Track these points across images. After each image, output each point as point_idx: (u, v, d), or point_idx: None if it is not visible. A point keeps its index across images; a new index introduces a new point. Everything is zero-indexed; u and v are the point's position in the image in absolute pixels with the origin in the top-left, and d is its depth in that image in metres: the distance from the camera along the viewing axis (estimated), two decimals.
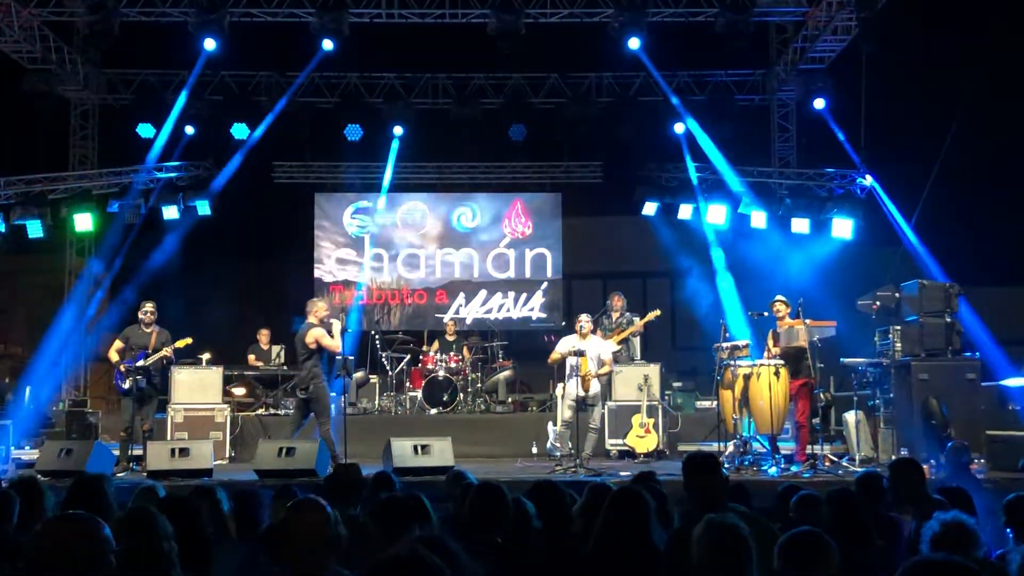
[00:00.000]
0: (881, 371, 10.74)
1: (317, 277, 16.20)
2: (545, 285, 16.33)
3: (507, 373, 13.82)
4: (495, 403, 13.45)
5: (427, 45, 13.98)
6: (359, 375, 13.26)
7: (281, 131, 14.56)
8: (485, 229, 16.45)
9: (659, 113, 14.66)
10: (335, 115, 14.72)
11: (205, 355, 12.10)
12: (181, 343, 10.59)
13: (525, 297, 16.30)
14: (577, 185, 16.32)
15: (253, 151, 14.59)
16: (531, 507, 4.40)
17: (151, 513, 3.36)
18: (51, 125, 14.42)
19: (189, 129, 14.37)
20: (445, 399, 12.88)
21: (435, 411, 12.83)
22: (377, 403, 13.45)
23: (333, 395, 10.77)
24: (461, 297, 16.26)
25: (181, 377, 11.69)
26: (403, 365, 13.67)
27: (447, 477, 6.38)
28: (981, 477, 8.76)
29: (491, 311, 16.18)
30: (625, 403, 11.66)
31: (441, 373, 13.00)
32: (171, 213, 14.23)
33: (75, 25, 13.83)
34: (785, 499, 4.99)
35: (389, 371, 13.56)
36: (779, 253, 14.19)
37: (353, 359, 10.73)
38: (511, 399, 13.70)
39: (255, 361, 13.55)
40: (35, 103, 13.38)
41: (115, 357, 10.46)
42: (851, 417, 10.74)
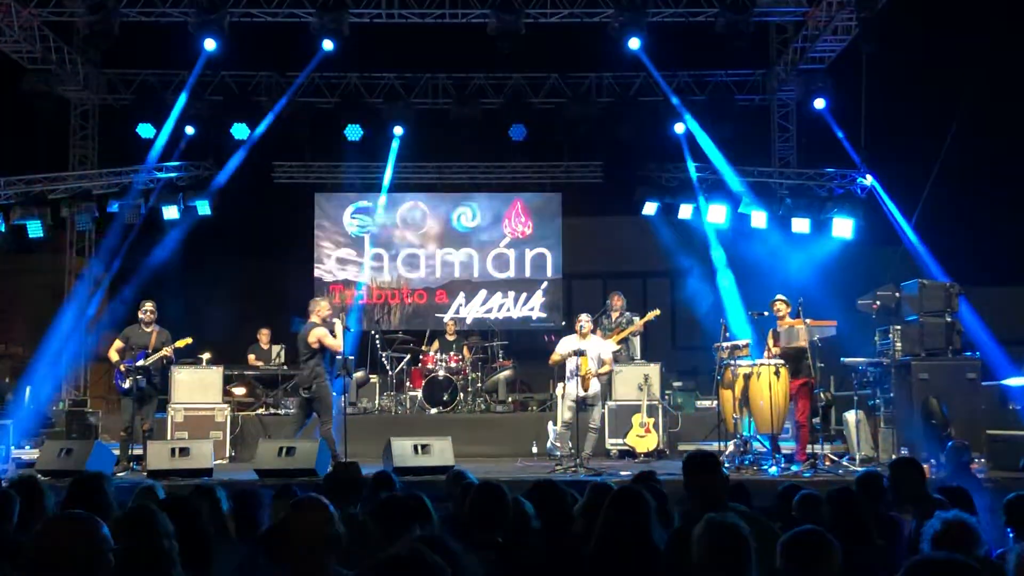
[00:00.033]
0: (881, 371, 10.73)
1: (317, 277, 16.21)
2: (545, 285, 16.33)
3: (507, 373, 13.82)
4: (495, 403, 13.45)
5: (427, 45, 13.98)
6: (359, 375, 13.25)
7: (281, 131, 14.56)
8: (485, 229, 16.45)
9: (659, 113, 14.66)
10: (335, 115, 14.72)
11: (205, 355, 12.10)
12: (181, 343, 10.59)
13: (525, 297, 16.30)
14: (577, 185, 16.32)
15: (253, 151, 14.60)
16: (529, 507, 4.39)
17: (152, 512, 3.35)
18: (51, 125, 14.44)
19: (189, 129, 14.38)
20: (445, 399, 12.87)
21: (435, 411, 12.82)
22: (377, 403, 13.45)
23: (334, 395, 10.77)
24: (461, 297, 16.26)
25: (181, 377, 11.68)
26: (403, 365, 13.67)
27: (447, 477, 6.37)
28: (981, 476, 8.76)
29: (491, 311, 16.18)
30: (625, 403, 11.65)
31: (441, 373, 13.00)
32: (171, 213, 14.25)
33: (75, 25, 13.83)
34: (786, 498, 4.99)
35: (389, 371, 13.56)
36: (779, 253, 14.20)
37: (353, 359, 10.73)
38: (511, 399, 13.70)
39: (255, 361, 13.54)
40: (35, 103, 13.39)
41: (115, 357, 10.46)
42: (851, 417, 10.74)
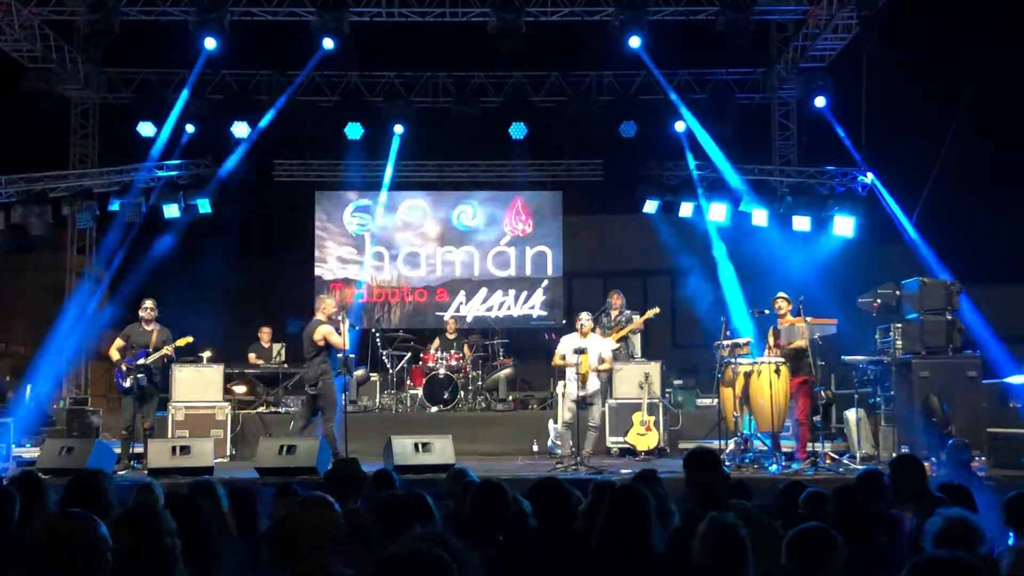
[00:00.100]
0: (882, 369, 10.74)
1: (318, 275, 16.20)
2: (546, 283, 16.32)
3: (508, 371, 13.83)
4: (496, 401, 13.46)
5: (427, 44, 13.96)
6: (360, 373, 13.26)
7: (281, 130, 14.54)
8: (486, 227, 16.45)
9: (660, 111, 14.64)
10: (335, 114, 14.69)
11: (206, 353, 12.11)
12: (182, 341, 10.60)
13: (526, 295, 16.30)
14: (578, 183, 16.32)
15: (254, 149, 14.58)
16: (527, 505, 4.39)
17: (153, 509, 3.34)
18: (52, 124, 14.43)
19: (190, 128, 14.36)
20: (446, 397, 12.88)
21: (436, 409, 12.83)
22: (378, 401, 13.47)
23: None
24: (462, 295, 16.26)
25: (182, 375, 11.70)
26: (404, 363, 13.68)
27: (448, 475, 6.37)
28: (982, 475, 8.76)
29: (492, 309, 16.17)
30: (626, 401, 11.67)
31: (442, 371, 13.01)
32: (172, 212, 14.24)
33: (75, 24, 13.82)
34: (787, 496, 4.99)
35: (390, 369, 13.57)
36: (780, 251, 14.18)
37: (354, 357, 10.73)
38: (512, 397, 13.72)
39: (256, 359, 13.55)
40: (35, 102, 13.37)
41: (116, 355, 10.47)
42: (852, 415, 10.75)
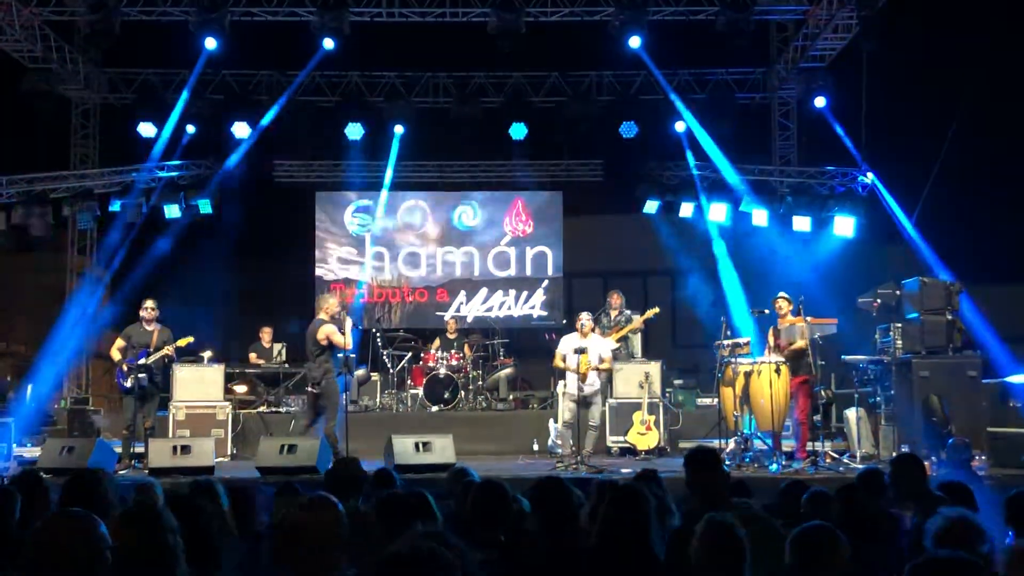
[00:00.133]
0: (882, 368, 10.74)
1: (318, 275, 16.21)
2: (546, 283, 16.33)
3: (508, 371, 13.83)
4: (496, 400, 13.47)
5: (428, 44, 13.97)
6: (361, 373, 13.27)
7: (282, 130, 14.55)
8: (486, 227, 16.45)
9: (660, 111, 14.64)
10: (336, 114, 14.69)
11: (207, 353, 12.12)
12: (182, 341, 10.61)
13: (526, 295, 16.31)
14: (578, 183, 16.32)
15: (254, 150, 14.60)
16: (526, 504, 4.40)
17: (154, 508, 3.33)
18: (52, 124, 14.43)
19: (190, 128, 14.36)
20: (446, 397, 12.89)
21: (436, 408, 12.84)
22: (378, 401, 13.48)
23: None
24: (462, 295, 16.26)
25: (183, 375, 11.71)
26: (404, 363, 13.69)
27: (449, 474, 6.37)
28: (982, 474, 8.77)
29: (492, 309, 16.18)
30: (626, 400, 11.68)
31: (442, 371, 13.02)
32: (172, 212, 14.25)
33: (76, 24, 13.83)
34: (789, 495, 5.00)
35: (390, 369, 13.58)
36: (780, 251, 14.18)
37: (355, 357, 10.73)
38: (512, 396, 13.73)
39: (256, 359, 13.56)
40: (36, 102, 13.37)
41: (117, 355, 10.49)
42: (852, 414, 10.76)
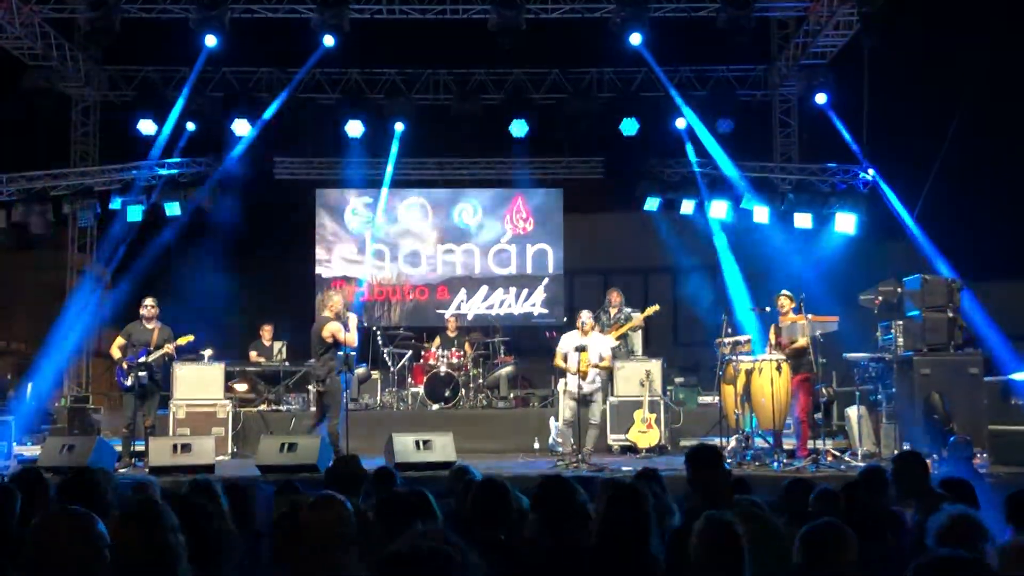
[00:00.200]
0: (883, 366, 10.74)
1: (318, 273, 16.18)
2: (546, 281, 16.31)
3: (508, 369, 13.81)
4: (497, 399, 13.45)
5: (428, 41, 13.95)
6: (361, 371, 13.25)
7: (282, 127, 14.55)
8: (486, 225, 16.42)
9: (661, 108, 14.62)
10: (336, 111, 14.67)
11: (207, 351, 12.10)
12: (183, 340, 10.60)
13: (526, 293, 16.29)
14: (578, 181, 16.29)
15: (254, 147, 14.58)
16: (525, 502, 4.38)
17: (155, 506, 3.31)
18: (52, 122, 14.44)
19: (190, 125, 14.35)
20: (447, 395, 12.88)
21: (437, 407, 12.83)
22: (379, 399, 13.47)
23: None
24: (462, 293, 16.24)
25: (183, 373, 11.70)
26: (405, 361, 13.67)
27: (450, 472, 6.36)
28: (983, 472, 8.77)
29: (492, 307, 16.16)
30: (627, 399, 11.67)
31: (443, 369, 13.00)
32: (173, 209, 14.24)
33: (76, 22, 13.81)
34: (791, 493, 4.98)
35: (391, 367, 13.56)
36: (782, 248, 14.16)
37: (355, 355, 10.72)
38: (513, 395, 13.71)
39: (257, 357, 13.54)
40: (36, 100, 13.38)
41: (117, 354, 10.48)
42: (853, 412, 10.76)
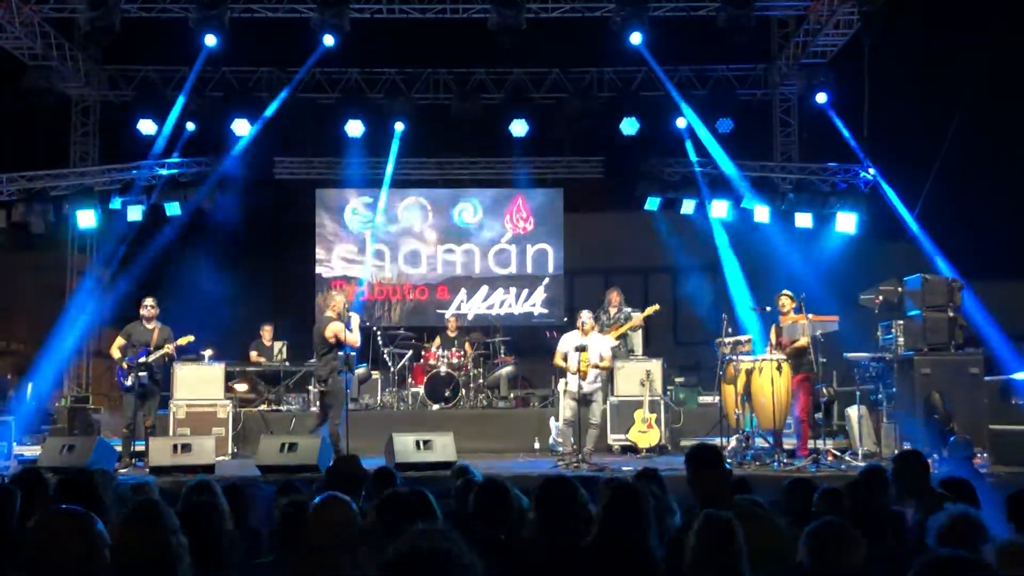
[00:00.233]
0: (884, 366, 10.73)
1: (318, 273, 16.17)
2: (547, 281, 16.29)
3: (509, 369, 13.81)
4: (497, 399, 13.45)
5: (428, 40, 13.94)
6: (361, 371, 13.24)
7: (282, 127, 14.54)
8: (486, 225, 16.41)
9: (661, 108, 14.61)
10: (336, 111, 14.67)
11: (207, 351, 12.10)
12: (183, 340, 10.61)
13: (527, 293, 16.27)
14: (579, 180, 16.27)
15: (254, 147, 14.56)
16: (525, 501, 4.37)
17: (156, 507, 3.30)
18: (52, 122, 14.43)
19: (190, 125, 14.34)
20: (447, 395, 12.88)
21: (437, 407, 12.82)
22: (379, 399, 13.47)
23: None
24: (463, 293, 16.23)
25: (183, 373, 11.69)
26: (405, 361, 13.67)
27: (451, 472, 6.36)
28: (984, 471, 8.76)
29: (493, 307, 16.15)
30: (627, 398, 11.66)
31: (443, 369, 13.00)
32: (173, 209, 14.23)
33: (76, 21, 13.80)
34: (792, 493, 4.96)
35: (391, 367, 13.56)
36: (782, 248, 14.14)
37: (355, 355, 10.73)
38: (513, 395, 13.71)
39: (257, 357, 13.55)
40: (36, 100, 13.37)
41: (117, 354, 10.48)
42: (854, 412, 10.75)
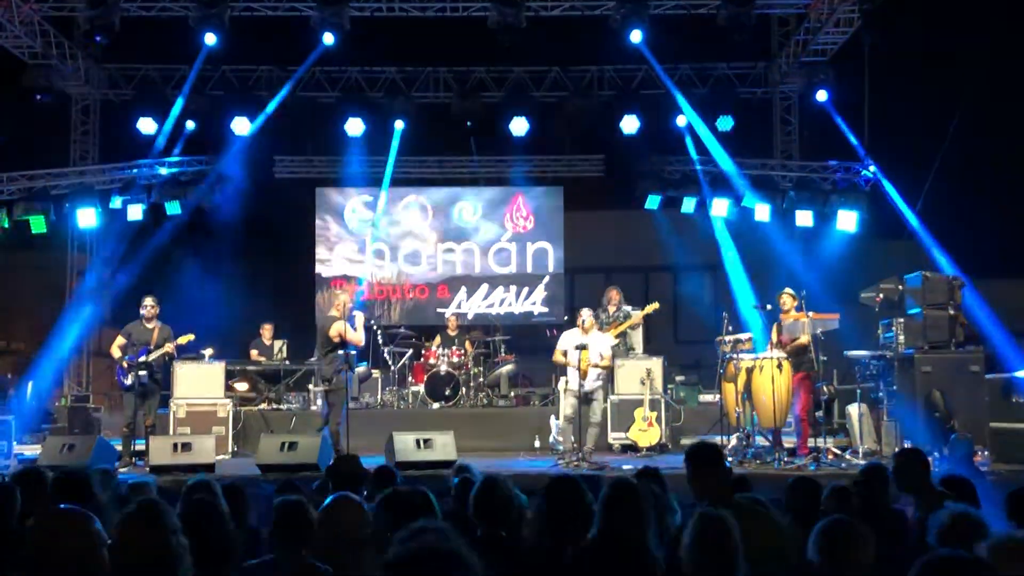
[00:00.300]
0: (884, 364, 10.72)
1: (318, 272, 16.16)
2: (547, 279, 16.28)
3: (509, 367, 13.80)
4: (497, 397, 13.44)
5: (428, 39, 13.94)
6: (361, 369, 13.23)
7: (282, 125, 14.54)
8: (486, 223, 16.40)
9: (661, 106, 14.60)
10: (336, 109, 14.68)
11: (207, 350, 12.10)
12: (183, 339, 10.61)
13: (527, 291, 16.27)
14: (579, 179, 16.25)
15: (254, 145, 14.56)
16: (524, 500, 4.37)
17: (158, 507, 3.28)
18: (52, 121, 14.42)
19: (190, 124, 14.35)
20: (447, 393, 12.87)
21: (437, 405, 12.81)
22: (379, 398, 13.46)
23: None
24: (463, 292, 16.22)
25: (183, 372, 11.69)
26: (405, 360, 13.67)
27: (451, 471, 6.36)
28: (985, 469, 8.76)
29: (493, 306, 16.14)
30: (628, 397, 11.65)
31: (443, 368, 12.99)
32: (173, 208, 14.22)
33: (76, 20, 13.80)
34: (795, 492, 4.95)
35: (391, 366, 13.55)
36: (783, 246, 14.14)
37: (355, 353, 10.73)
38: (513, 393, 13.70)
39: (257, 356, 13.54)
40: (36, 99, 13.36)
41: (117, 353, 10.48)
42: (854, 410, 10.74)
